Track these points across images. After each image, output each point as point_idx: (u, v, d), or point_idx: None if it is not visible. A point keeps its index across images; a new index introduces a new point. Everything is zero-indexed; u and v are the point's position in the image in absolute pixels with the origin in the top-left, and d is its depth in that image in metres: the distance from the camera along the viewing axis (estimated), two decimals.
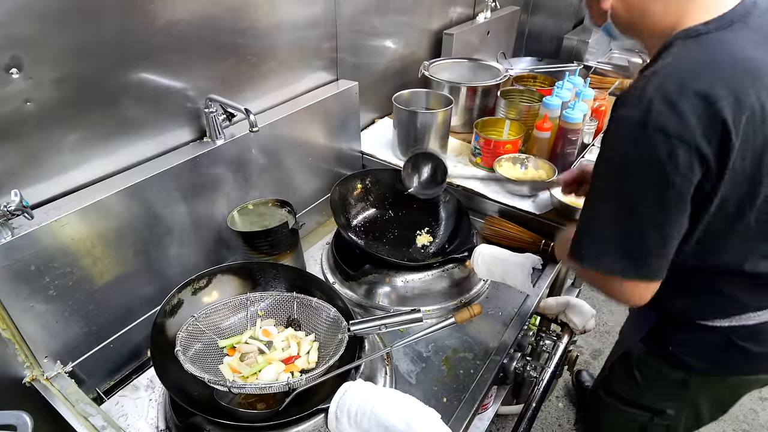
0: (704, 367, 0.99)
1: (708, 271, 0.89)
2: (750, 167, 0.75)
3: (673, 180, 0.73)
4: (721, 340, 0.94)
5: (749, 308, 0.91)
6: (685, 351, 0.99)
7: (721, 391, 1.05)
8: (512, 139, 1.55)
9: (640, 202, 0.76)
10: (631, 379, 1.13)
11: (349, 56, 1.61)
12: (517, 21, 2.54)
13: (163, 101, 1.08)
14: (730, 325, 0.93)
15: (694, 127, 0.70)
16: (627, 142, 0.75)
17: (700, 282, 0.92)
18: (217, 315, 1.03)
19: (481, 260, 1.15)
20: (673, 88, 0.72)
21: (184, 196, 1.13)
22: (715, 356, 0.97)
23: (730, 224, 0.81)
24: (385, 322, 0.96)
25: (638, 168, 0.74)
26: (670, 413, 1.10)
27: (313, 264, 1.37)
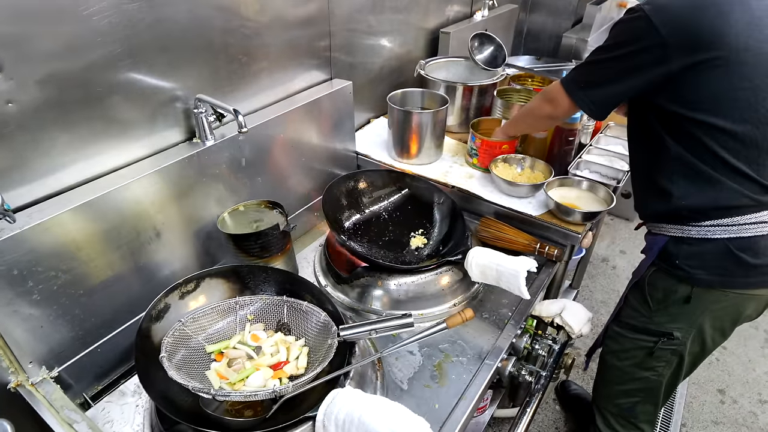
0: (707, 279, 1.09)
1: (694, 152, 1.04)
2: None
3: (649, 56, 0.99)
4: (721, 250, 1.05)
5: (743, 207, 1.03)
6: (690, 263, 1.09)
7: (723, 308, 1.13)
8: (509, 140, 1.53)
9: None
10: (642, 305, 1.21)
11: (343, 55, 1.59)
12: (515, 19, 2.52)
13: (150, 102, 1.07)
14: (729, 236, 1.04)
15: (668, 24, 0.96)
16: (623, 22, 1.03)
17: (688, 162, 1.05)
18: (205, 319, 1.01)
19: (475, 264, 1.14)
20: (661, 2, 0.99)
21: (173, 198, 1.11)
22: (717, 268, 1.07)
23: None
24: (375, 327, 0.94)
25: (621, 38, 1.03)
26: (676, 335, 1.18)
27: (306, 266, 1.36)
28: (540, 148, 1.54)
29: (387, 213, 1.43)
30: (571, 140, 1.49)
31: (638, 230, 1.38)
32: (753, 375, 2.21)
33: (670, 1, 0.99)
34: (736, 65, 0.95)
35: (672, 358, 1.23)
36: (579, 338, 1.40)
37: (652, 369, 1.26)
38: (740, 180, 1.02)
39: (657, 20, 0.97)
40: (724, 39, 0.94)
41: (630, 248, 2.90)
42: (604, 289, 2.66)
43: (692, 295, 1.12)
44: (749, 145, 1.00)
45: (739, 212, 1.04)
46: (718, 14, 0.95)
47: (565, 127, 1.47)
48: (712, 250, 1.06)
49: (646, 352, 1.24)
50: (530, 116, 1.37)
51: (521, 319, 1.16)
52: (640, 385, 1.31)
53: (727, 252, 1.05)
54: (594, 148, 1.64)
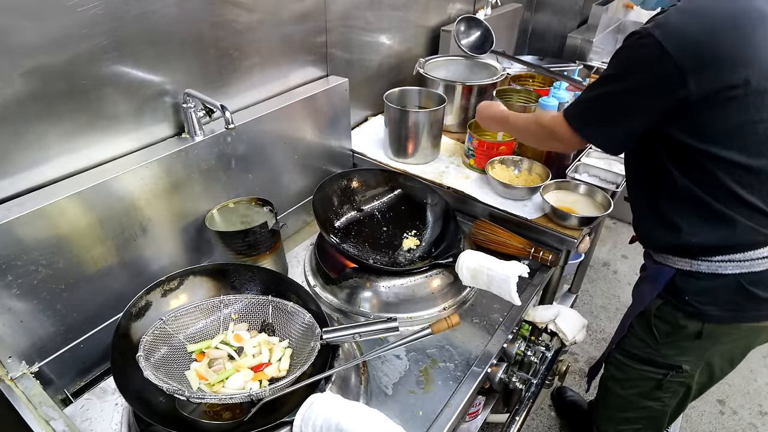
0: (718, 314, 1.04)
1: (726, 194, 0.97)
2: None
3: (661, 87, 0.91)
4: (732, 286, 1.01)
5: (757, 244, 0.99)
6: (700, 300, 1.04)
7: (734, 341, 1.10)
8: (507, 141, 1.50)
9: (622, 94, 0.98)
10: (648, 336, 1.17)
11: (340, 52, 1.56)
12: (519, 18, 2.48)
13: (138, 95, 1.05)
14: (740, 272, 1.00)
15: (683, 49, 0.87)
16: (630, 48, 0.95)
17: (696, 195, 0.99)
18: (188, 318, 1.00)
19: (466, 267, 1.11)
20: (680, 18, 0.91)
21: (160, 193, 1.09)
22: (728, 304, 1.03)
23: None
24: (359, 330, 0.92)
25: (629, 65, 0.95)
26: (685, 368, 1.14)
27: (296, 265, 1.34)
28: (538, 151, 1.51)
29: (380, 213, 1.40)
30: None
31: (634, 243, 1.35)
32: (754, 386, 2.17)
33: (684, 24, 0.90)
34: (756, 94, 0.88)
35: (679, 388, 1.20)
36: (573, 345, 1.37)
37: (658, 399, 1.23)
38: (756, 217, 0.97)
39: (670, 46, 0.87)
40: (747, 65, 0.87)
41: (632, 253, 2.86)
42: (605, 294, 2.63)
43: (703, 331, 1.08)
44: (765, 180, 0.95)
45: (752, 248, 0.99)
46: (740, 37, 0.87)
47: None
48: (723, 285, 1.02)
49: (654, 385, 1.21)
50: (531, 140, 1.31)
51: (512, 324, 1.14)
52: (643, 413, 1.28)
53: (739, 287, 1.01)
54: (593, 151, 1.60)
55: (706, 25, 0.88)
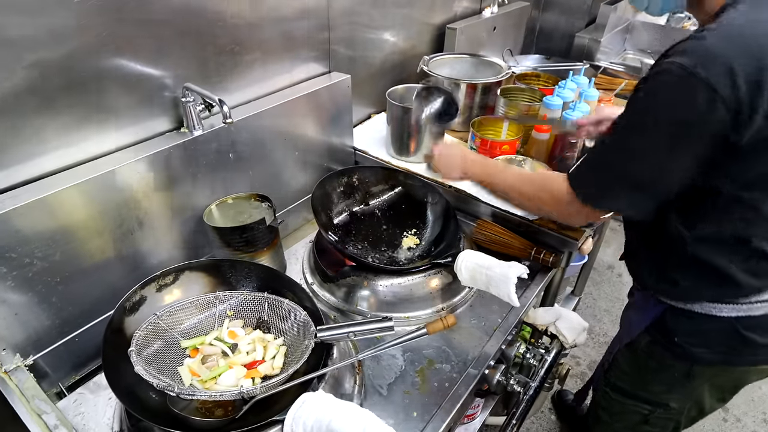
0: (709, 358, 0.98)
1: (717, 245, 0.89)
2: None
3: (708, 135, 0.77)
4: (727, 329, 0.94)
5: (753, 292, 0.92)
6: (691, 342, 0.98)
7: (725, 381, 1.05)
8: (510, 140, 1.48)
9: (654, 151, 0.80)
10: (634, 371, 1.13)
11: (343, 48, 1.55)
12: (526, 17, 2.46)
13: (136, 89, 1.04)
14: (737, 315, 0.92)
15: (737, 88, 0.72)
16: (665, 90, 0.77)
17: (707, 259, 0.91)
18: (183, 313, 0.99)
19: (465, 267, 1.10)
20: (723, 48, 0.74)
21: (158, 187, 1.08)
22: (721, 347, 0.97)
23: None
24: (354, 329, 0.91)
25: (669, 114, 0.78)
26: (673, 406, 1.11)
27: (295, 262, 1.33)
28: (542, 150, 1.49)
29: (380, 211, 1.39)
30: (574, 143, 1.44)
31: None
32: (759, 393, 2.14)
33: (731, 55, 0.73)
34: None
35: (668, 423, 1.16)
36: (573, 348, 1.35)
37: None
38: (762, 269, 0.89)
39: (722, 84, 0.72)
40: None
41: None
42: (609, 297, 2.60)
43: (692, 372, 1.03)
44: None
45: (752, 294, 0.92)
46: None
47: None
48: (717, 328, 0.95)
49: (641, 419, 1.17)
50: (522, 204, 1.17)
51: (511, 326, 1.12)
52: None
53: (734, 331, 0.94)
54: None
55: (755, 53, 0.74)
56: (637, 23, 2.96)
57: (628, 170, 0.85)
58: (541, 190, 1.03)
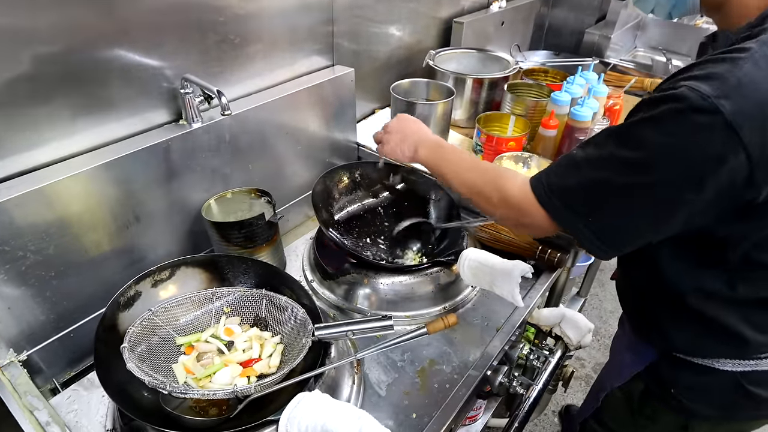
0: (708, 413, 0.90)
1: (727, 303, 0.79)
2: None
3: (716, 188, 0.62)
4: (730, 384, 0.85)
5: (762, 348, 0.82)
6: (690, 396, 0.90)
7: (724, 431, 0.97)
8: (516, 136, 1.45)
9: (659, 197, 0.65)
10: (625, 414, 1.04)
11: (347, 42, 1.52)
12: (535, 12, 2.42)
13: (134, 80, 1.02)
14: (742, 370, 0.83)
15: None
16: (675, 124, 0.61)
17: (714, 316, 0.81)
18: (179, 309, 0.97)
19: (467, 266, 1.07)
20: (764, 79, 0.59)
21: (155, 181, 1.06)
22: (722, 402, 0.88)
23: None
24: (353, 328, 0.89)
25: (675, 153, 0.61)
26: None
27: (295, 259, 1.30)
28: (549, 147, 1.46)
29: (382, 208, 1.36)
30: (582, 139, 1.40)
31: None
32: None
33: (763, 91, 0.59)
34: None
35: None
36: (578, 349, 1.32)
37: None
38: None
39: (746, 130, 0.58)
40: None
41: None
42: (615, 299, 2.54)
43: (689, 426, 0.94)
44: None
45: (760, 349, 0.83)
46: None
47: (575, 125, 1.38)
48: (719, 382, 0.86)
49: None
50: (477, 200, 0.89)
51: (514, 327, 1.09)
52: None
53: (737, 386, 0.85)
54: None
55: None
56: (649, 20, 2.90)
57: (612, 197, 0.68)
58: (491, 185, 0.83)
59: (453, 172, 0.94)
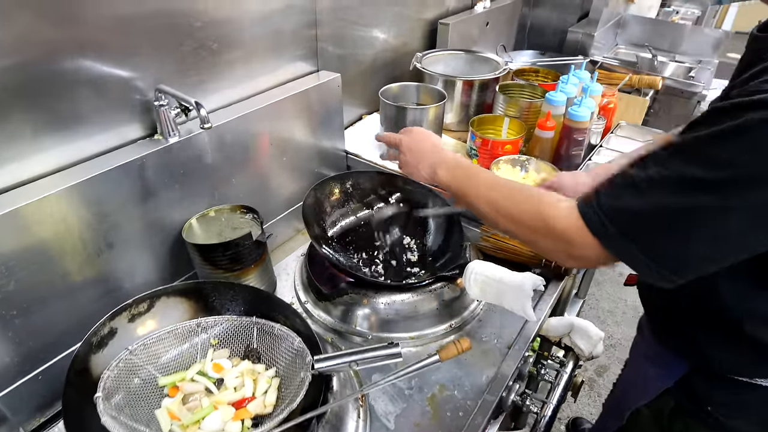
0: (748, 429, 0.83)
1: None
2: None
3: None
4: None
5: None
6: (727, 413, 0.83)
7: None
8: (512, 139, 1.39)
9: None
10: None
11: (332, 46, 1.44)
12: (518, 12, 2.38)
13: (103, 93, 0.92)
14: None
15: None
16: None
17: (746, 330, 0.74)
18: (160, 345, 0.87)
19: (474, 279, 0.99)
20: None
21: (129, 202, 0.97)
22: (763, 417, 0.81)
23: None
24: (356, 358, 0.80)
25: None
26: None
27: (286, 278, 1.21)
28: (546, 149, 1.40)
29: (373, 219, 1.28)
30: (581, 140, 1.35)
31: None
32: None
33: None
34: None
35: None
36: (590, 360, 1.26)
37: None
38: None
39: None
40: None
41: None
42: (611, 297, 2.52)
43: None
44: None
45: None
46: None
47: (573, 126, 1.33)
48: (760, 398, 0.80)
49: None
50: (518, 228, 0.76)
51: (527, 342, 1.02)
52: None
53: None
54: (604, 149, 1.50)
55: None
56: (629, 17, 2.90)
57: (675, 224, 0.59)
58: (531, 213, 0.72)
59: (482, 197, 0.81)
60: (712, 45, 2.68)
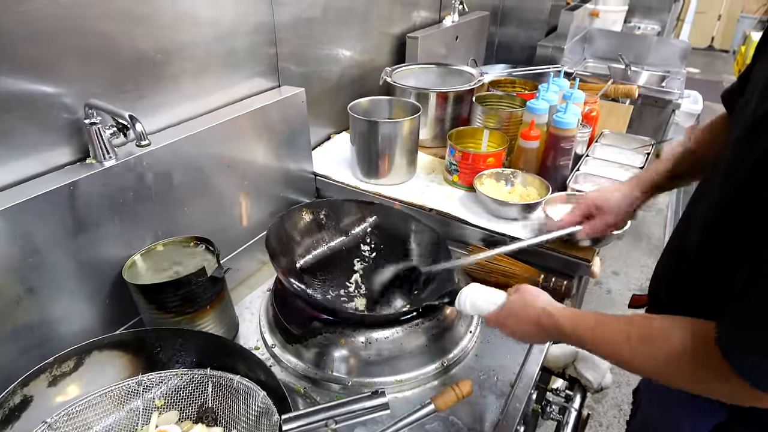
0: None
1: None
2: None
3: None
4: None
5: None
6: None
7: None
8: (494, 152, 1.29)
9: None
10: None
11: (294, 65, 1.33)
12: (486, 27, 2.33)
13: (18, 112, 0.78)
14: None
15: None
16: None
17: None
18: (91, 413, 0.71)
19: (470, 306, 0.84)
20: None
21: (57, 238, 0.81)
22: None
23: None
24: (335, 413, 0.66)
25: None
26: None
27: (249, 318, 1.06)
28: (531, 161, 1.30)
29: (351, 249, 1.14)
30: (568, 149, 1.25)
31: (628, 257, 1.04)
32: None
33: None
34: None
35: None
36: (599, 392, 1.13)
37: None
38: None
39: None
40: None
41: (623, 268, 2.69)
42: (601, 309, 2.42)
43: None
44: None
45: None
46: None
47: (560, 134, 1.24)
48: None
49: None
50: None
51: (532, 379, 0.89)
52: None
53: None
54: (591, 158, 1.41)
55: None
56: (595, 31, 2.91)
57: None
58: (672, 369, 0.61)
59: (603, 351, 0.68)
60: (679, 55, 2.70)
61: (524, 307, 0.74)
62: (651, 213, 3.36)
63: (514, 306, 0.76)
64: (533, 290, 0.77)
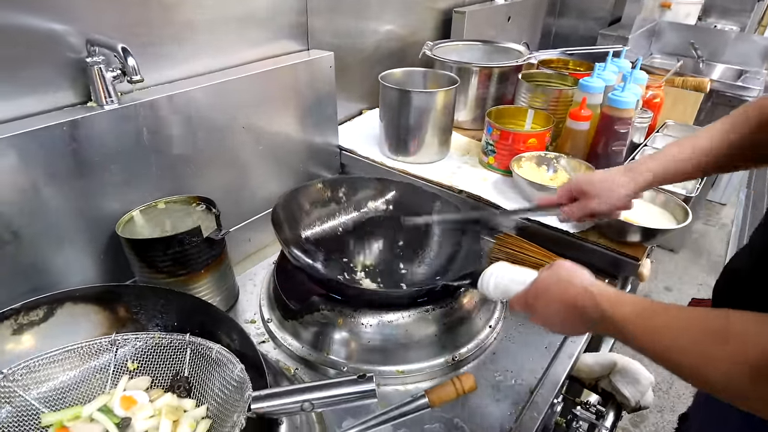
0: None
1: None
2: None
3: None
4: None
5: None
6: None
7: None
8: (537, 131, 1.15)
9: None
10: None
11: (326, 35, 1.24)
12: (543, 11, 2.17)
13: (21, 48, 0.73)
14: None
15: None
16: None
17: None
18: (56, 368, 0.64)
19: (494, 287, 0.72)
20: None
21: (48, 181, 0.76)
22: None
23: None
24: (312, 396, 0.56)
25: None
26: None
27: (251, 291, 0.98)
28: (580, 144, 1.16)
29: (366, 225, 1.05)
30: (623, 133, 1.10)
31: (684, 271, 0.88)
32: None
33: None
34: None
35: None
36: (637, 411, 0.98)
37: None
38: None
39: None
40: None
41: (677, 284, 2.45)
42: None
43: None
44: None
45: None
46: None
47: (615, 114, 1.09)
48: None
49: None
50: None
51: (557, 387, 0.76)
52: None
53: None
54: (650, 149, 1.25)
55: None
56: (664, 24, 2.67)
57: None
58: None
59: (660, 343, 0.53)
60: (760, 54, 2.42)
61: (558, 284, 0.61)
62: (714, 227, 3.07)
63: (545, 283, 0.63)
64: (570, 266, 0.63)
